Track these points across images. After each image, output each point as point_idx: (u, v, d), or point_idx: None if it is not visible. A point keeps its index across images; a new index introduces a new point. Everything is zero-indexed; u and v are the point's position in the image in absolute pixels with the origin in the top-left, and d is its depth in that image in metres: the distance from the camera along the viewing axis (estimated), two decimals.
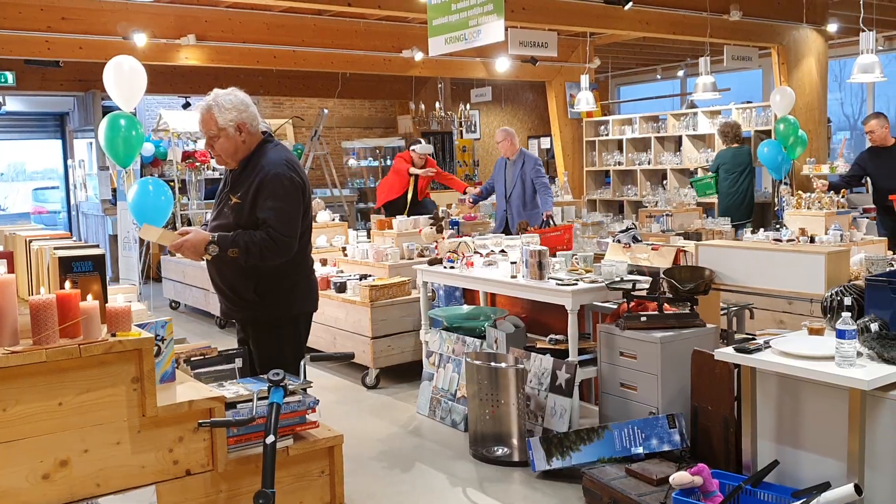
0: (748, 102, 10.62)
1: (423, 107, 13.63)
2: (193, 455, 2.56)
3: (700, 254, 4.50)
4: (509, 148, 7.74)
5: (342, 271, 6.74)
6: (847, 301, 3.38)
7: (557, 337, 4.86)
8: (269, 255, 3.26)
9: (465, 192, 8.71)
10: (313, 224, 7.73)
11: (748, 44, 9.29)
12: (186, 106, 12.67)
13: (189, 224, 10.64)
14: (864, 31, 6.43)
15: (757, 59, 9.83)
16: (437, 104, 13.44)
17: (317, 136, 12.31)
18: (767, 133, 9.52)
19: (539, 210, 7.55)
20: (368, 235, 7.41)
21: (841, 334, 3.05)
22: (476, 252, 5.70)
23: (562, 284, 4.55)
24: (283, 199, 3.27)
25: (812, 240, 6.18)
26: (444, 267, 5.42)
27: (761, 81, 13.84)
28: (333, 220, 8.35)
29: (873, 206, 7.57)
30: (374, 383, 5.90)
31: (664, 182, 11.19)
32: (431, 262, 5.64)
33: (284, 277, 3.39)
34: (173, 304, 9.43)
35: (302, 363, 2.93)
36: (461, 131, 14.89)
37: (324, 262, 6.91)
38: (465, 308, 5.72)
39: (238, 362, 3.24)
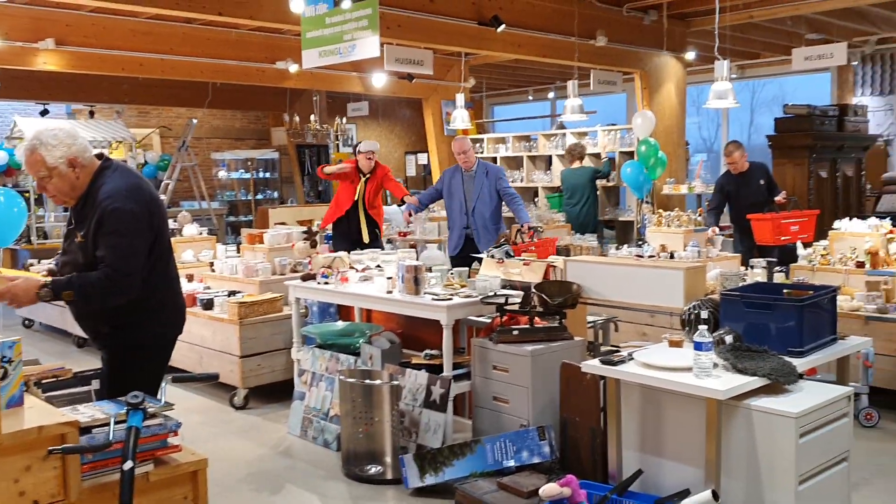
0: (613, 125, 11.08)
1: (297, 119, 13.45)
2: (43, 485, 2.38)
3: (568, 269, 4.63)
4: (470, 159, 6.93)
5: (209, 287, 6.52)
6: (704, 314, 3.55)
7: (433, 352, 4.86)
8: (109, 297, 3.04)
9: (402, 202, 7.69)
10: (180, 237, 7.51)
11: (613, 69, 9.69)
12: (45, 113, 12.01)
13: (45, 237, 10.05)
14: (718, 59, 6.83)
15: (621, 84, 10.28)
16: (313, 117, 13.30)
17: (185, 147, 11.92)
18: (630, 154, 9.94)
19: (502, 224, 7.07)
20: (238, 250, 7.20)
21: (698, 346, 3.20)
22: (351, 267, 5.65)
23: (437, 299, 4.57)
24: (122, 234, 3.03)
25: (672, 255, 6.49)
26: (318, 282, 5.34)
27: (625, 105, 14.49)
28: (201, 233, 8.06)
29: (729, 224, 8.02)
30: (243, 404, 5.72)
31: (535, 199, 11.49)
32: (304, 278, 5.54)
33: (142, 304, 3.17)
34: (27, 323, 8.85)
35: (163, 385, 2.79)
36: (338, 145, 14.78)
37: (190, 278, 6.66)
38: (340, 324, 5.65)
39: (95, 384, 3.06)
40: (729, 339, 3.46)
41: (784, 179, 9.37)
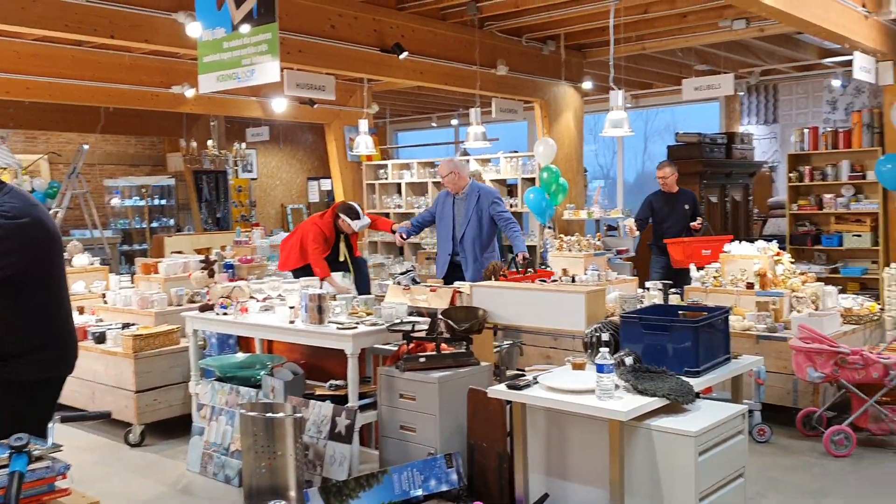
0: (515, 152, 11.27)
1: (194, 144, 13.14)
2: None
3: (474, 294, 4.65)
4: (457, 182, 6.54)
5: (102, 320, 6.24)
6: (605, 337, 3.62)
7: (338, 382, 4.79)
8: None
9: (392, 231, 7.09)
10: (71, 268, 7.17)
11: (514, 97, 9.88)
12: None
13: None
14: (613, 89, 7.05)
15: (522, 112, 10.49)
16: (210, 142, 13.01)
17: (75, 174, 11.43)
18: (532, 181, 10.13)
19: (495, 253, 6.67)
20: (132, 280, 6.93)
21: (600, 368, 3.26)
22: (251, 297, 5.51)
23: (342, 328, 4.50)
24: None
25: (573, 279, 6.62)
26: (217, 313, 5.18)
27: (527, 132, 14.80)
28: (93, 263, 7.72)
29: (626, 248, 8.26)
30: (139, 440, 5.48)
31: None
32: (202, 309, 5.37)
33: (23, 339, 2.95)
34: None
35: (50, 425, 2.62)
36: (236, 171, 14.50)
37: (81, 311, 6.36)
38: (240, 356, 5.49)
39: None
40: (629, 360, 3.54)
41: None
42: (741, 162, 10.90)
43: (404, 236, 6.91)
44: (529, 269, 5.63)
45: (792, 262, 6.22)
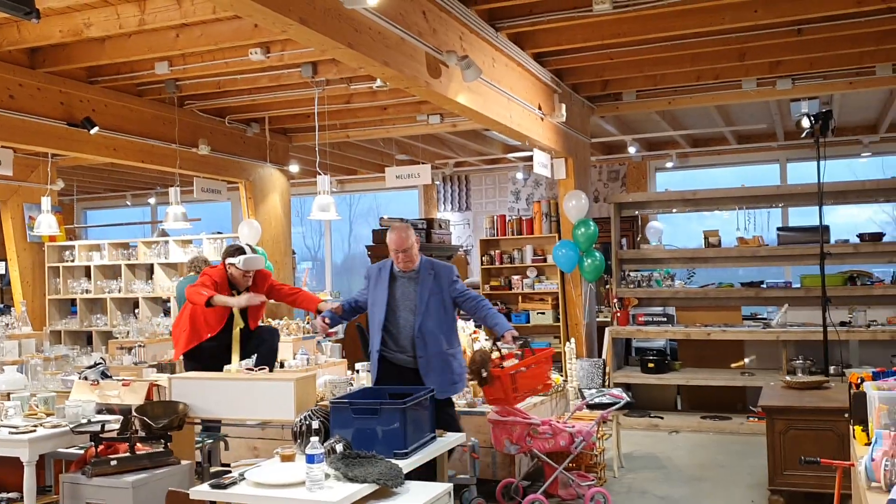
0: (219, 233, 10.96)
1: None
2: None
3: (173, 387, 4.36)
4: (413, 258, 5.05)
5: None
6: (315, 425, 3.55)
7: (10, 495, 4.20)
8: None
9: (318, 312, 5.48)
10: None
11: (217, 177, 9.66)
12: None
13: None
14: (320, 174, 7.17)
15: (226, 192, 10.27)
16: None
17: None
18: None
19: (457, 346, 5.12)
20: None
21: (310, 459, 3.18)
22: None
23: (16, 433, 3.97)
24: None
25: (282, 365, 6.49)
26: None
27: (231, 213, 14.50)
28: None
29: (335, 330, 8.31)
30: None
31: (136, 311, 10.79)
32: None
33: None
34: None
35: None
36: None
37: None
38: None
39: None
40: (339, 447, 3.50)
41: None
42: (440, 245, 11.56)
43: (328, 321, 5.26)
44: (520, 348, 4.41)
45: (487, 340, 6.64)
